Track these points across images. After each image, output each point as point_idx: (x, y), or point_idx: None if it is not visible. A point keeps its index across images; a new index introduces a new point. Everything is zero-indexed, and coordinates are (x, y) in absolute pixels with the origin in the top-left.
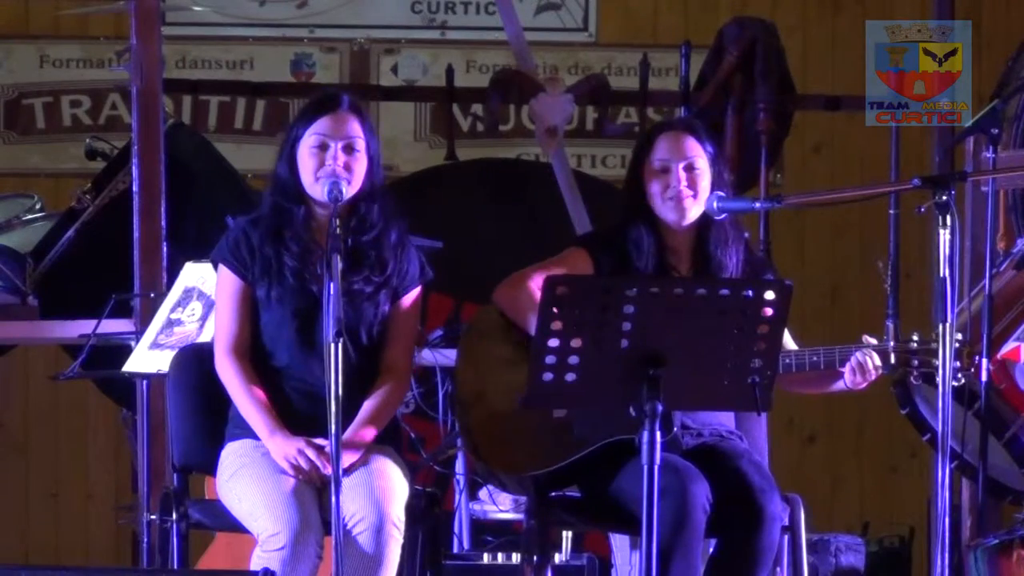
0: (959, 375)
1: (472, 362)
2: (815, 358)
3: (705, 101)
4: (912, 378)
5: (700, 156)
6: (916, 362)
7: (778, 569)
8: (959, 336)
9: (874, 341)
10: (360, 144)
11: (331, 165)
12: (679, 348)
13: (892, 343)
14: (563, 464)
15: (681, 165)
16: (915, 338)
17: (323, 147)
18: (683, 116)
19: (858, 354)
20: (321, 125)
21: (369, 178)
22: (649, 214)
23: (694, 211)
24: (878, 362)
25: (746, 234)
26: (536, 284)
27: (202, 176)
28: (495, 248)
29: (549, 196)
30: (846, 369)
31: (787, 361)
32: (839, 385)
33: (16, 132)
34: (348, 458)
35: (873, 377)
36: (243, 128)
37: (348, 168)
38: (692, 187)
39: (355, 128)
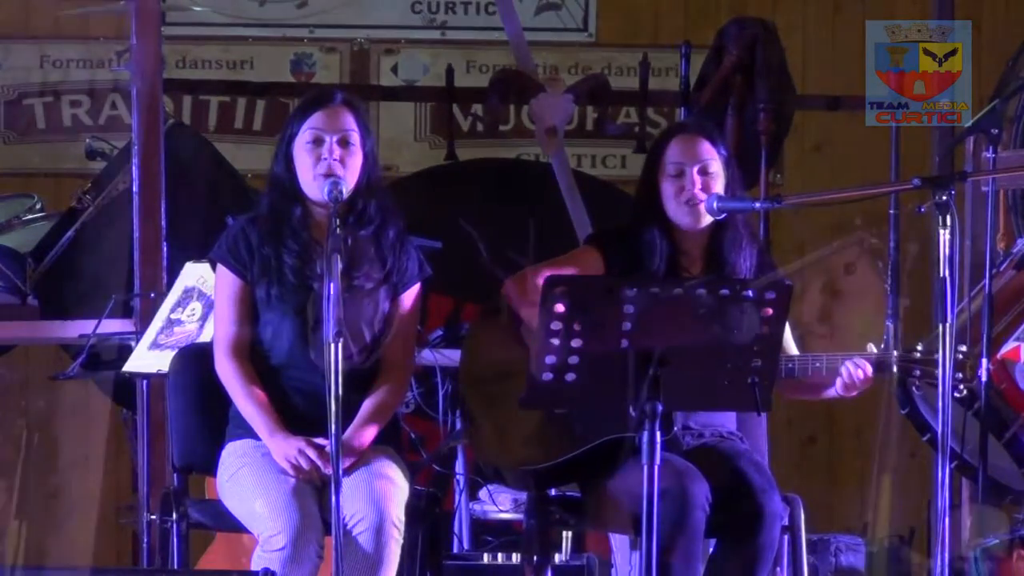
0: (961, 387)
1: (476, 357)
2: (817, 364)
3: (705, 101)
4: (914, 388)
5: (714, 159)
6: (918, 372)
7: (778, 569)
8: (963, 348)
9: (875, 350)
10: (355, 138)
11: (327, 160)
12: (679, 348)
13: (895, 353)
14: (563, 459)
15: (695, 168)
16: (919, 348)
17: (318, 142)
18: (696, 119)
19: (849, 364)
20: (315, 120)
21: (365, 173)
22: (662, 216)
23: (708, 214)
24: (869, 373)
25: None
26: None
27: (202, 176)
28: (495, 248)
29: (549, 196)
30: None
31: (789, 366)
32: (830, 392)
33: (16, 132)
34: (348, 457)
35: (863, 388)
36: (243, 128)
37: (343, 162)
38: (706, 190)
39: (349, 122)
